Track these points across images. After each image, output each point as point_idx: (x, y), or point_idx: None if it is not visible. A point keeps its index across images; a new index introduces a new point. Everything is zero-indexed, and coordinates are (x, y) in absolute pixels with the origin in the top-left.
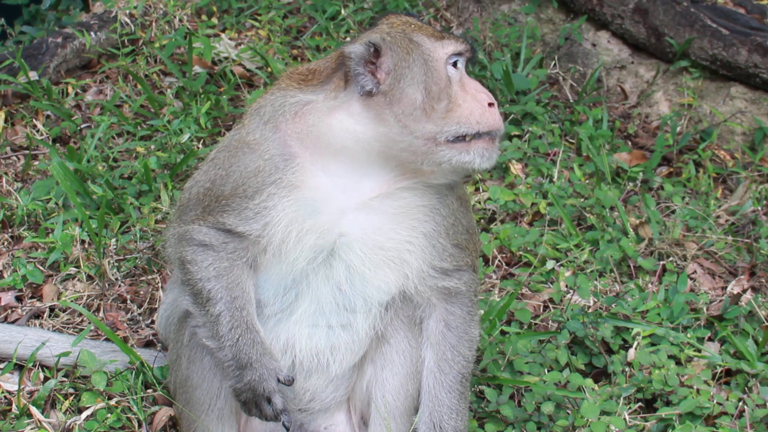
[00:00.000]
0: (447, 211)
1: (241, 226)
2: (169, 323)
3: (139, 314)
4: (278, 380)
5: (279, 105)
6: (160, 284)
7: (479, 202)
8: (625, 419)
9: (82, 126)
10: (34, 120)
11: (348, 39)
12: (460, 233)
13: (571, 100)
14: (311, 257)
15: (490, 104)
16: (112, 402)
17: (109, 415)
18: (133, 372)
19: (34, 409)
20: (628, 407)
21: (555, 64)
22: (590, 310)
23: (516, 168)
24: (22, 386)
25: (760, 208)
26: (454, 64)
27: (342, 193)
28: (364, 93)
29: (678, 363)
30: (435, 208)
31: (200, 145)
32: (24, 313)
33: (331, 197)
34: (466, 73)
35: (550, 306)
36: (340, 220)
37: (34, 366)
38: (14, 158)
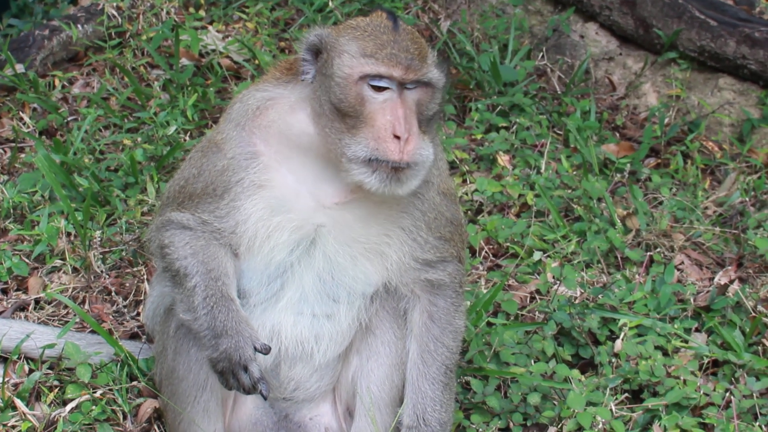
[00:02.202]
0: (427, 206)
1: (216, 223)
2: (155, 315)
3: (125, 306)
4: (255, 348)
5: (246, 101)
6: (145, 276)
7: (466, 194)
8: (611, 410)
9: (69, 119)
10: (20, 113)
11: None
12: (443, 226)
13: (559, 92)
14: (291, 249)
15: (396, 136)
16: (97, 394)
17: (93, 407)
18: (118, 364)
19: (18, 402)
20: (614, 398)
21: (543, 56)
22: (577, 301)
23: (503, 159)
24: (6, 378)
25: (747, 199)
26: (376, 88)
27: (309, 193)
28: (306, 82)
29: (665, 354)
30: (411, 204)
31: (187, 138)
32: (9, 306)
33: (299, 196)
34: (413, 100)
35: (537, 297)
36: (315, 214)
37: (19, 358)
38: (0, 151)
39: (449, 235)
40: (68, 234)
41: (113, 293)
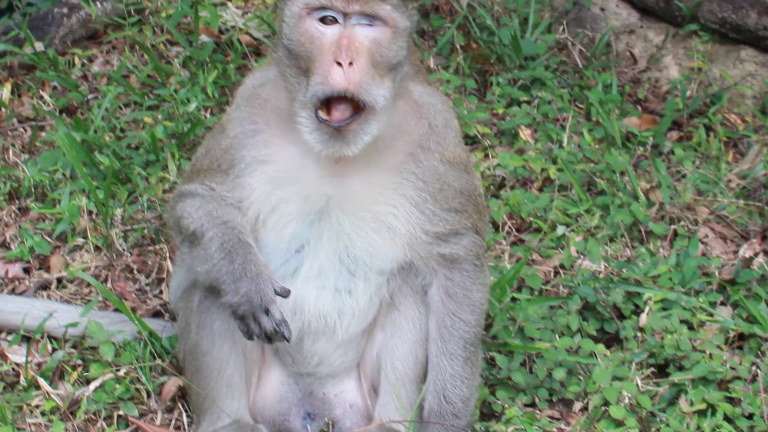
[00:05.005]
0: (429, 175)
1: (224, 192)
2: (179, 292)
3: (147, 284)
4: (275, 291)
5: (246, 84)
6: (168, 254)
7: (489, 169)
8: (637, 384)
9: (89, 96)
10: (40, 91)
11: None
12: (452, 197)
13: (580, 65)
14: (302, 221)
15: (338, 63)
16: (121, 373)
17: (117, 385)
18: (142, 342)
19: (42, 381)
20: (640, 372)
21: (563, 30)
22: (601, 275)
23: (525, 134)
24: (29, 358)
25: None
26: (323, 21)
27: (315, 161)
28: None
29: (690, 328)
30: (408, 170)
31: (207, 115)
32: (31, 285)
33: (305, 167)
34: (365, 37)
35: (561, 272)
36: (323, 185)
37: (42, 337)
38: (21, 130)
39: (460, 207)
40: (90, 212)
41: (135, 271)
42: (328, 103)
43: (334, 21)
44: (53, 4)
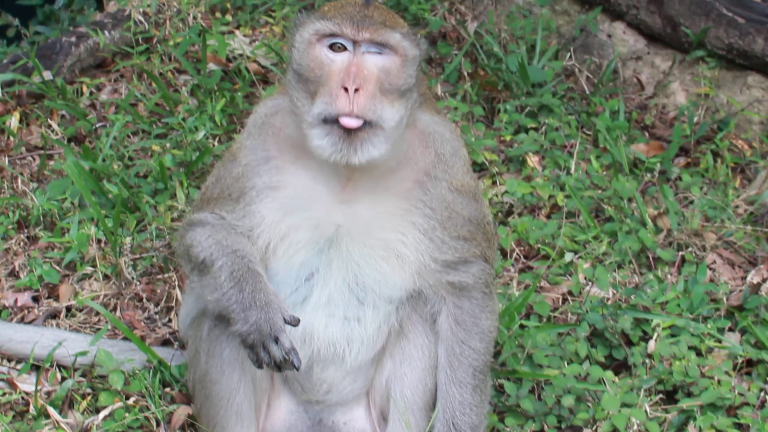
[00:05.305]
0: (437, 203)
1: (234, 221)
2: (188, 320)
3: (156, 313)
4: (284, 320)
5: (257, 112)
6: (177, 282)
7: (496, 195)
8: (646, 411)
9: (97, 125)
10: (48, 120)
11: None
12: (460, 225)
13: (588, 92)
14: (312, 249)
15: (344, 88)
16: (130, 401)
17: (126, 414)
18: (151, 371)
19: (51, 410)
20: (649, 399)
21: (570, 56)
22: (609, 302)
23: (533, 160)
24: (39, 386)
25: None
26: (333, 48)
27: (325, 187)
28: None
29: (698, 354)
30: (416, 197)
31: (215, 143)
32: (40, 314)
33: (316, 193)
34: (374, 65)
35: (569, 298)
36: (333, 213)
37: (51, 366)
38: (29, 158)
39: (469, 235)
40: (98, 241)
41: (144, 300)
42: (335, 123)
43: (344, 48)
44: (61, 33)
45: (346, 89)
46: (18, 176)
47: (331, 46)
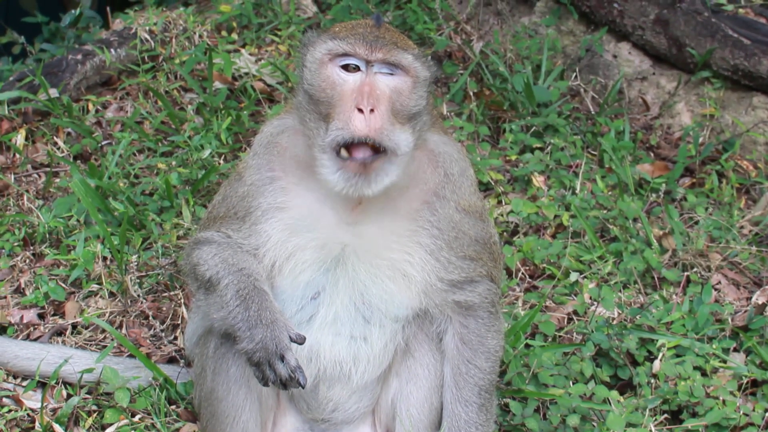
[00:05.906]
0: (444, 224)
1: (240, 240)
2: (193, 337)
3: (162, 330)
4: (290, 338)
5: (263, 132)
6: (182, 300)
7: (502, 215)
8: (651, 431)
9: (103, 143)
10: (54, 137)
11: None
12: (467, 245)
13: (593, 112)
14: (318, 268)
15: (359, 109)
16: (136, 419)
17: (132, 431)
18: (157, 388)
19: (57, 427)
20: (654, 419)
21: (576, 76)
22: (615, 322)
23: (538, 180)
24: (45, 404)
25: None
26: (345, 69)
27: (331, 210)
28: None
29: (703, 374)
30: (423, 218)
31: (221, 161)
32: (46, 331)
33: (322, 215)
34: (386, 85)
35: (575, 318)
36: (339, 233)
37: (57, 383)
38: (35, 176)
39: (475, 255)
40: (104, 258)
41: (150, 317)
42: (347, 148)
43: (357, 69)
44: (67, 51)
45: (360, 110)
46: (24, 193)
47: (344, 67)
